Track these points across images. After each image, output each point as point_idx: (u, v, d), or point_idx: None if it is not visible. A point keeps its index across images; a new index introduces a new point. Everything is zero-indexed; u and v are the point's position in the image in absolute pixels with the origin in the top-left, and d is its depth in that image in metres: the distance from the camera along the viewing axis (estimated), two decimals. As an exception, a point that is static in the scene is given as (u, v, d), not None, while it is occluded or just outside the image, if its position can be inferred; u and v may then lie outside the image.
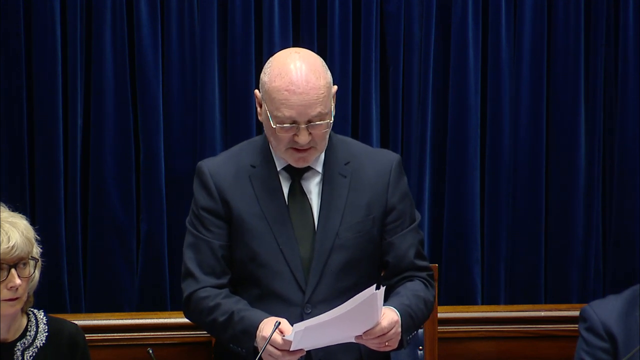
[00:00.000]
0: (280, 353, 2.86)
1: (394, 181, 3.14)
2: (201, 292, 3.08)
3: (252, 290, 3.10)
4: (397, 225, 3.14)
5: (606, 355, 2.74)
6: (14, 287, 2.90)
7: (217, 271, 3.10)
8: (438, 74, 4.16)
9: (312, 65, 2.99)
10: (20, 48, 3.95)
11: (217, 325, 3.04)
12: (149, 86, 4.04)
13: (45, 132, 3.98)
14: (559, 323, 3.98)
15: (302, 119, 2.96)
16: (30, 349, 3.01)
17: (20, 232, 2.91)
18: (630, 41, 4.16)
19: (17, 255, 2.90)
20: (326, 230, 3.07)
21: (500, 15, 4.14)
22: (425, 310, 3.09)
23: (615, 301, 2.79)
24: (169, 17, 4.03)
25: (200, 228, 3.12)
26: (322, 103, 2.97)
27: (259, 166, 3.12)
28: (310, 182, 3.12)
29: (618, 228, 4.22)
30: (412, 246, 3.14)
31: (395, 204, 3.13)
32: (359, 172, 3.12)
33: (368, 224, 3.10)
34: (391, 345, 2.93)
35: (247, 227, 3.08)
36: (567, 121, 4.19)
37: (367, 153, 3.20)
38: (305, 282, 3.06)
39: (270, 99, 2.99)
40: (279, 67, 3.00)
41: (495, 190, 4.19)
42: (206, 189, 3.13)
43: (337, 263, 3.07)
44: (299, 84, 2.95)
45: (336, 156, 3.12)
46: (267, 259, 3.07)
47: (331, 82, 3.03)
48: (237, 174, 3.12)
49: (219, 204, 3.11)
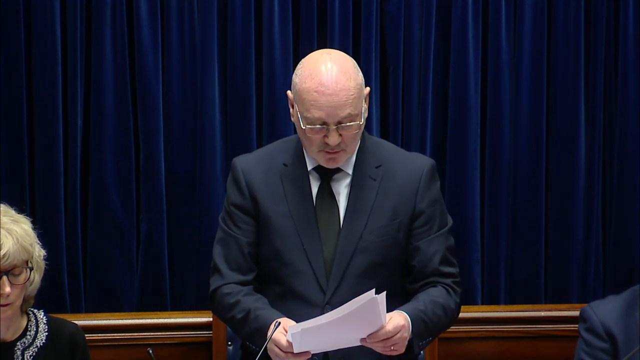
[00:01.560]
0: (284, 354, 2.86)
1: (424, 186, 3.12)
2: (225, 289, 3.10)
3: (274, 288, 3.12)
4: (425, 230, 3.12)
5: (606, 356, 2.74)
6: (3, 294, 2.89)
7: (243, 268, 3.12)
8: (438, 74, 4.16)
9: (343, 67, 2.98)
10: (20, 48, 3.95)
11: (235, 322, 3.06)
12: (149, 86, 4.04)
13: (45, 132, 3.99)
14: (559, 323, 3.98)
15: (332, 120, 2.96)
16: (30, 349, 3.01)
17: (15, 239, 2.89)
18: (630, 41, 4.16)
19: (8, 263, 2.88)
20: (350, 233, 3.07)
21: (500, 15, 4.13)
22: (444, 316, 3.05)
23: (615, 301, 2.79)
24: (169, 17, 4.03)
25: (230, 224, 3.14)
26: (352, 104, 2.96)
27: (290, 165, 3.12)
28: (339, 184, 3.11)
29: (618, 228, 4.21)
30: (438, 252, 3.11)
31: (424, 209, 3.11)
32: (389, 175, 3.11)
33: (393, 228, 3.09)
34: (397, 350, 2.91)
35: (273, 225, 3.09)
36: (567, 121, 4.19)
37: (400, 156, 3.18)
38: (327, 282, 3.06)
39: (300, 100, 2.98)
40: (310, 68, 2.99)
41: (495, 190, 4.19)
42: (237, 185, 3.14)
43: (359, 265, 3.07)
44: (328, 85, 2.94)
45: (367, 159, 3.12)
46: (290, 258, 3.08)
47: (363, 83, 3.02)
48: (269, 172, 3.13)
49: (248, 200, 3.12)
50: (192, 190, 4.09)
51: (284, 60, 4.06)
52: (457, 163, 4.16)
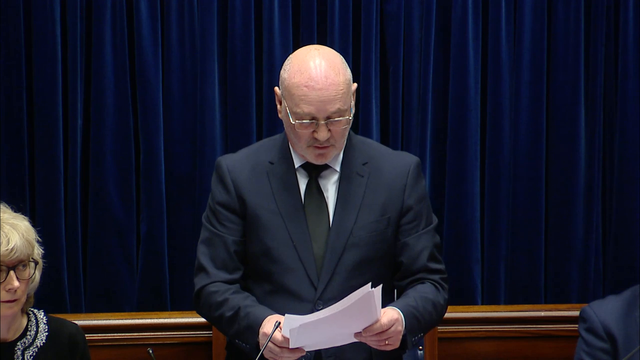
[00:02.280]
0: (279, 349, 2.87)
1: (412, 183, 3.15)
2: (211, 287, 3.10)
3: (264, 286, 3.12)
4: (413, 226, 3.14)
5: (606, 356, 2.74)
6: (12, 289, 2.90)
7: (229, 266, 3.12)
8: (438, 74, 4.16)
9: (332, 62, 3.01)
10: (20, 48, 3.95)
11: (224, 320, 3.06)
12: (149, 86, 4.04)
13: (45, 132, 3.99)
14: (559, 323, 3.98)
15: (321, 115, 2.98)
16: (30, 349, 3.02)
17: (20, 234, 2.91)
18: (630, 41, 4.16)
19: (16, 258, 2.90)
20: (340, 228, 3.09)
21: (500, 15, 4.13)
22: (434, 312, 3.08)
23: (615, 301, 2.80)
24: (169, 17, 4.03)
25: (215, 223, 3.15)
26: (341, 99, 2.99)
27: (276, 163, 3.14)
28: (327, 181, 3.13)
29: (618, 228, 4.21)
30: (426, 248, 3.14)
31: (412, 205, 3.14)
32: (376, 172, 3.14)
33: (383, 224, 3.12)
34: (392, 344, 2.93)
35: (262, 223, 3.10)
36: (567, 121, 4.19)
37: (386, 154, 3.22)
38: (318, 278, 3.07)
39: (289, 95, 3.00)
40: (299, 63, 3.02)
41: (495, 190, 4.19)
42: (223, 183, 3.15)
43: (350, 261, 3.08)
44: (318, 80, 2.97)
45: (354, 156, 3.14)
46: (280, 254, 3.09)
47: (351, 79, 3.05)
48: (255, 170, 3.14)
49: (234, 199, 3.13)
50: (192, 190, 4.09)
51: (284, 60, 4.01)
52: (457, 163, 4.16)
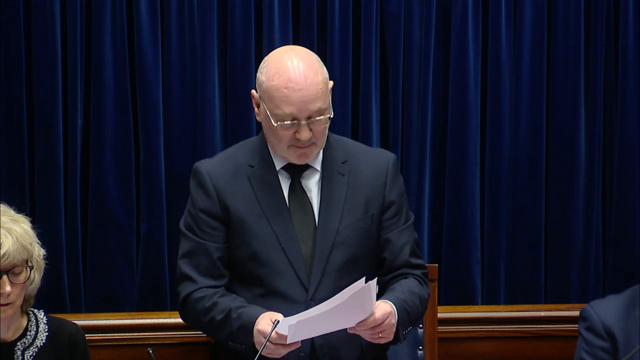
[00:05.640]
0: (274, 346, 2.88)
1: (391, 179, 3.17)
2: (197, 294, 3.09)
3: (254, 290, 3.11)
4: (394, 222, 3.16)
5: (606, 355, 2.75)
6: (3, 293, 2.89)
7: (213, 273, 3.11)
8: (438, 74, 4.16)
9: (308, 62, 3.02)
10: (20, 48, 3.95)
11: (215, 324, 3.04)
12: (149, 86, 4.04)
13: (45, 132, 3.98)
14: (559, 323, 3.98)
15: (303, 115, 2.98)
16: (30, 349, 3.01)
17: (14, 238, 2.89)
18: (630, 41, 4.16)
19: (8, 263, 2.88)
20: (327, 228, 3.09)
21: (500, 15, 4.14)
22: (420, 306, 3.12)
23: (615, 301, 2.80)
24: (169, 17, 4.03)
25: (197, 230, 3.12)
26: (321, 98, 3.00)
27: (257, 166, 3.13)
28: (309, 181, 3.13)
29: (618, 228, 4.22)
30: (407, 244, 3.16)
31: (394, 200, 3.16)
32: (356, 170, 3.15)
33: (367, 221, 3.13)
34: (385, 337, 2.95)
35: (248, 227, 3.09)
36: (567, 121, 4.19)
37: (364, 152, 3.23)
38: (308, 279, 3.07)
39: (269, 98, 3.00)
40: (276, 65, 3.01)
41: (495, 190, 4.19)
42: (204, 189, 3.13)
43: (339, 260, 3.09)
44: (297, 80, 2.97)
45: (333, 155, 3.15)
46: (268, 257, 3.08)
47: (327, 77, 3.06)
48: (235, 174, 3.12)
49: (216, 205, 3.11)
50: (192, 190, 4.09)
51: (284, 60, 4.06)
52: (457, 163, 4.16)
